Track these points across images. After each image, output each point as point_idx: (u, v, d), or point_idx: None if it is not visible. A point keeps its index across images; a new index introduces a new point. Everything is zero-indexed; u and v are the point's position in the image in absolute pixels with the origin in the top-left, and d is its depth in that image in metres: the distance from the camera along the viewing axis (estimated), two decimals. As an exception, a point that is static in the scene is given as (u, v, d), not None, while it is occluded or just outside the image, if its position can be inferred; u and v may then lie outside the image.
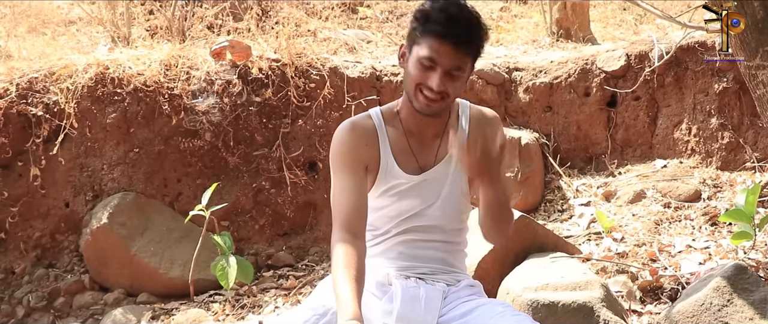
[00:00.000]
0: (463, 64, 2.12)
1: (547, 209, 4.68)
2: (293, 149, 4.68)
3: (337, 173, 2.26)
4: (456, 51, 2.09)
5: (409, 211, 2.28)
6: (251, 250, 4.61)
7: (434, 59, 2.10)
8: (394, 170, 2.28)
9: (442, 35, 2.08)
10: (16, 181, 4.46)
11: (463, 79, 2.15)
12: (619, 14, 7.95)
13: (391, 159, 2.28)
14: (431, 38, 2.10)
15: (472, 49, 2.14)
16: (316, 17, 7.24)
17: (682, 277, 3.56)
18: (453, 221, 2.33)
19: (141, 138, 4.53)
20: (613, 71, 4.96)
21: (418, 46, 2.13)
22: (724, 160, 4.67)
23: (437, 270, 2.32)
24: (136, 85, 4.53)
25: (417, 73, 2.14)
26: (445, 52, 2.09)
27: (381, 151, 2.29)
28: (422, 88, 2.13)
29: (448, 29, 2.08)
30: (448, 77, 2.11)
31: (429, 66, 2.11)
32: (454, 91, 2.15)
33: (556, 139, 5.01)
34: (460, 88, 2.17)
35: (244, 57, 4.73)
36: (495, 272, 3.50)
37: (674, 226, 4.18)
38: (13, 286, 4.40)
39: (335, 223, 2.19)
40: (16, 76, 4.52)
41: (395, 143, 2.30)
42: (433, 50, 2.10)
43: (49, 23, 6.68)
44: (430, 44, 2.10)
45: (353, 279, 2.04)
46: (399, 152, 2.30)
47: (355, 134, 2.27)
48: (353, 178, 2.24)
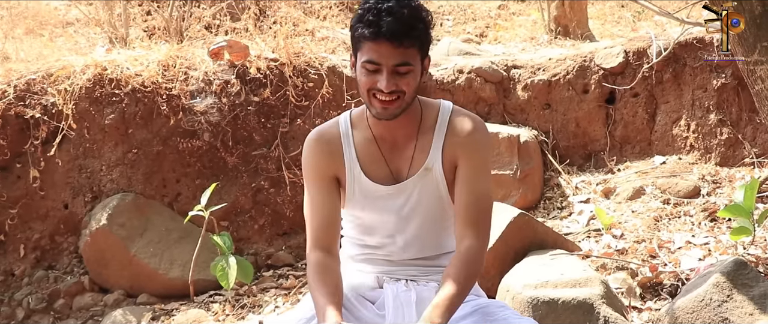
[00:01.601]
0: (408, 58, 2.02)
1: (546, 207, 4.68)
2: (292, 149, 4.68)
3: (307, 186, 2.20)
4: (395, 47, 2.00)
5: (387, 222, 2.20)
6: (251, 250, 4.61)
7: (376, 61, 2.02)
8: (361, 180, 2.18)
9: (375, 34, 1.99)
10: (15, 183, 4.46)
11: (414, 72, 2.04)
12: (617, 11, 7.96)
13: (357, 168, 2.18)
14: (367, 40, 2.01)
15: (412, 40, 2.02)
16: (314, 16, 7.24)
17: (682, 273, 3.56)
18: (434, 230, 2.24)
19: (139, 139, 4.53)
20: (611, 68, 4.96)
21: (359, 52, 2.05)
22: (723, 156, 4.67)
23: (429, 271, 2.25)
24: (134, 85, 4.52)
25: (365, 79, 2.05)
26: (384, 52, 2.01)
27: (346, 161, 2.19)
28: (374, 92, 2.05)
29: (380, 27, 1.99)
30: (396, 75, 2.02)
31: (374, 69, 2.03)
32: (408, 88, 2.05)
33: (554, 137, 5.01)
34: (413, 82, 2.06)
35: (242, 57, 4.72)
36: (495, 270, 3.50)
37: (674, 223, 4.18)
38: (13, 288, 4.40)
39: (308, 239, 2.15)
40: (14, 78, 4.52)
41: (363, 151, 2.20)
42: (372, 52, 2.02)
43: (46, 25, 6.68)
44: (369, 47, 2.02)
45: (330, 295, 2.00)
46: (368, 161, 2.19)
47: (319, 145, 2.19)
48: (321, 192, 2.16)
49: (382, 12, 1.99)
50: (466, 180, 2.15)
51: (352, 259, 2.32)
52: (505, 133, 4.67)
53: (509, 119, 5.04)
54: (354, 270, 2.29)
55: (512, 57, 5.33)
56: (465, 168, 2.16)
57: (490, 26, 7.46)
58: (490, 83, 5.06)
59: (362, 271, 2.27)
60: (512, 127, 4.91)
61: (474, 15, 7.86)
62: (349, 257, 2.33)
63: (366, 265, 2.28)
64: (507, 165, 4.62)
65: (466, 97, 5.02)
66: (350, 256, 2.33)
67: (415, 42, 2.02)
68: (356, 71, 2.10)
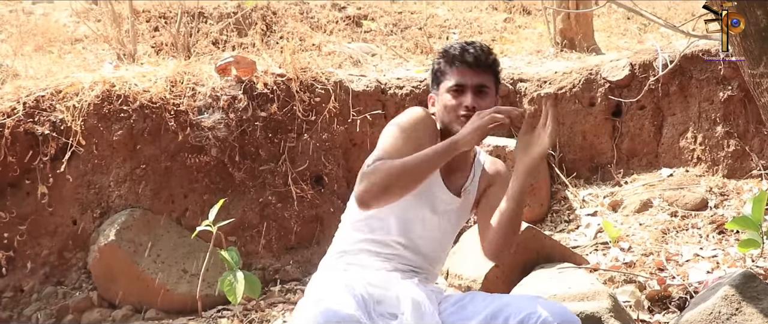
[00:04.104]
0: (486, 81, 2.39)
1: (553, 220, 4.67)
2: (299, 163, 4.69)
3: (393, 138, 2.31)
4: (477, 70, 2.38)
5: (413, 222, 2.41)
6: (258, 265, 4.61)
7: (461, 83, 2.38)
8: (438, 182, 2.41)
9: (461, 60, 2.39)
10: (24, 199, 4.48)
11: (490, 97, 2.39)
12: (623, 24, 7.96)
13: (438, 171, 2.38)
14: (454, 66, 2.40)
15: (490, 67, 2.41)
16: (321, 31, 7.27)
17: (690, 286, 3.55)
18: (441, 255, 2.54)
19: (147, 154, 4.55)
20: (617, 81, 4.96)
21: (445, 81, 2.41)
22: (731, 168, 4.66)
23: (429, 277, 2.48)
24: (142, 102, 4.55)
25: (451, 102, 2.38)
26: (468, 74, 2.38)
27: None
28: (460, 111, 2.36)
29: (466, 54, 2.39)
30: (477, 95, 2.37)
31: (458, 90, 2.38)
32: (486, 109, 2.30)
33: (561, 150, 5.01)
34: (491, 106, 2.35)
35: (249, 72, 4.75)
36: (502, 284, 3.50)
37: (681, 235, 4.18)
38: (22, 305, 4.41)
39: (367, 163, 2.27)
40: (23, 94, 4.55)
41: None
42: (458, 75, 2.39)
43: (55, 41, 6.72)
44: (455, 72, 2.40)
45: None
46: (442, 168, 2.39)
47: (428, 123, 2.40)
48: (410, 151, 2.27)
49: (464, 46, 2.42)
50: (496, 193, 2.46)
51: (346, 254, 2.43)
52: (512, 146, 4.67)
53: (516, 132, 5.03)
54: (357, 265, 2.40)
55: (518, 70, 5.34)
56: (498, 187, 2.48)
57: (496, 39, 7.47)
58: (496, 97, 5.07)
59: (365, 265, 2.38)
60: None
61: (480, 28, 7.88)
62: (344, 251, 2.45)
63: (368, 258, 2.39)
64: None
65: (472, 111, 5.03)
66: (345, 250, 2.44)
67: (490, 71, 2.42)
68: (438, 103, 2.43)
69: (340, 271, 2.37)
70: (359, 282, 2.23)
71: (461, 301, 2.34)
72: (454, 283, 3.70)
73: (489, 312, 2.22)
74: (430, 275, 2.47)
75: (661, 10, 7.89)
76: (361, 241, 2.41)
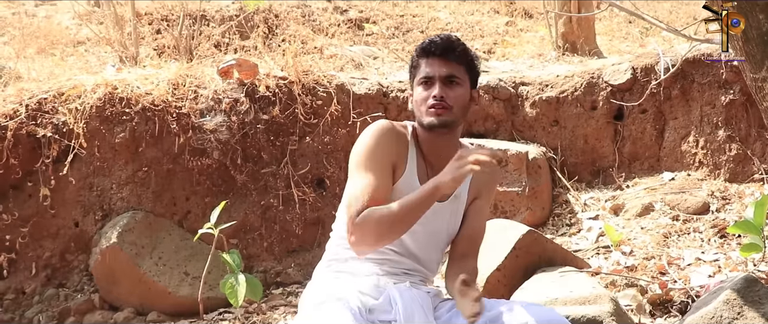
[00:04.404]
0: (455, 71, 2.35)
1: (555, 224, 4.67)
2: (301, 166, 4.70)
3: (364, 168, 2.30)
4: (445, 61, 2.35)
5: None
6: (260, 268, 4.62)
7: (429, 74, 2.35)
8: (414, 183, 2.36)
9: (428, 52, 2.37)
10: (26, 201, 4.49)
11: (461, 87, 2.35)
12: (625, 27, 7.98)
13: (415, 172, 2.37)
14: (422, 59, 2.38)
15: (459, 58, 2.36)
16: (323, 34, 7.28)
17: (692, 290, 3.55)
18: (433, 255, 2.48)
19: (149, 157, 4.55)
20: (619, 84, 4.97)
21: (416, 76, 2.38)
22: (732, 172, 4.66)
23: (423, 280, 2.45)
24: (144, 104, 4.55)
25: (420, 95, 2.36)
26: (436, 64, 2.35)
27: (408, 161, 2.38)
28: (427, 102, 2.33)
29: (432, 45, 2.36)
30: (447, 85, 2.33)
31: (427, 82, 2.35)
32: (456, 103, 2.32)
33: (563, 153, 5.01)
34: (461, 97, 2.34)
35: (251, 75, 4.75)
36: (504, 288, 3.50)
37: (683, 239, 4.18)
38: (24, 307, 4.42)
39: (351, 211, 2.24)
40: (26, 97, 4.56)
41: (418, 163, 2.40)
42: (426, 67, 2.36)
43: (57, 44, 6.73)
44: (423, 64, 2.37)
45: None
46: (420, 174, 2.39)
47: (392, 134, 2.37)
48: (383, 174, 2.30)
49: (434, 38, 2.39)
50: (479, 210, 2.50)
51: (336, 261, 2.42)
52: (513, 150, 4.68)
53: (517, 136, 5.05)
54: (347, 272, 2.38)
55: (520, 74, 5.34)
56: (484, 201, 2.51)
57: (498, 43, 7.48)
58: (498, 100, 5.07)
59: (355, 272, 2.36)
60: (520, 143, 4.92)
61: (482, 31, 7.89)
62: (333, 260, 2.43)
63: (358, 264, 2.37)
64: (515, 182, 4.62)
65: (474, 114, 5.04)
66: (335, 258, 2.43)
67: (461, 61, 2.37)
68: (412, 98, 2.41)
69: (331, 280, 2.36)
70: (352, 293, 2.20)
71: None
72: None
73: (485, 319, 2.18)
74: (424, 277, 2.44)
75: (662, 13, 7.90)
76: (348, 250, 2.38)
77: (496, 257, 3.54)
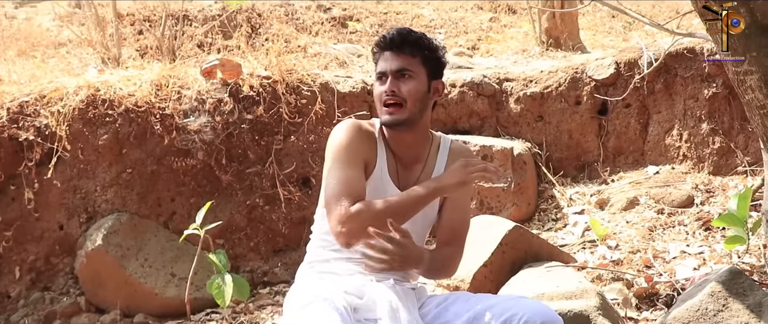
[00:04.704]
0: (408, 65, 2.33)
1: (541, 219, 4.69)
2: (286, 165, 4.68)
3: (337, 165, 2.31)
4: (397, 54, 2.33)
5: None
6: (247, 268, 4.61)
7: (382, 70, 2.35)
8: (384, 178, 2.37)
9: (382, 46, 2.36)
10: (9, 205, 4.46)
11: (415, 81, 2.32)
12: (608, 22, 8.00)
13: (385, 169, 2.37)
14: (378, 54, 2.38)
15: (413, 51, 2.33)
16: (306, 33, 7.26)
17: (678, 283, 3.57)
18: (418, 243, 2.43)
19: (133, 158, 4.53)
20: (603, 79, 4.98)
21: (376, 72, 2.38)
22: (716, 165, 4.69)
23: (406, 277, 2.44)
24: (127, 106, 4.53)
25: (377, 91, 2.36)
26: (388, 59, 2.34)
27: (378, 158, 2.38)
28: (382, 98, 2.34)
29: (384, 40, 2.36)
30: (399, 79, 2.32)
31: (382, 77, 2.35)
32: (410, 96, 2.31)
33: (548, 149, 5.03)
34: (415, 91, 2.32)
35: (235, 75, 4.73)
36: (490, 283, 3.51)
37: (668, 232, 4.20)
38: (9, 311, 4.39)
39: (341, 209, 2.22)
40: (7, 100, 4.52)
41: (387, 159, 2.41)
42: (381, 62, 2.36)
43: (38, 46, 6.68)
44: (379, 61, 2.37)
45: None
46: (390, 169, 2.40)
47: (360, 131, 2.37)
48: (357, 168, 2.31)
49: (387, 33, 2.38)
50: (454, 203, 2.46)
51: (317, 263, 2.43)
52: (498, 146, 4.68)
53: (502, 132, 5.06)
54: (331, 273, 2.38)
55: (504, 70, 5.35)
56: (459, 193, 2.42)
57: (482, 39, 7.49)
58: (482, 96, 5.08)
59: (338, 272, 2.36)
60: (505, 139, 4.93)
61: (466, 28, 7.90)
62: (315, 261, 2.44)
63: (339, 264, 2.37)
64: (501, 178, 4.62)
65: (459, 111, 5.04)
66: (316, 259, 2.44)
67: (416, 53, 2.34)
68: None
69: (315, 281, 2.36)
70: (337, 293, 2.20)
71: (444, 302, 2.32)
72: (442, 282, 3.70)
73: (472, 314, 2.20)
74: (406, 274, 2.43)
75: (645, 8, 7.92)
76: (329, 251, 2.40)
77: (483, 253, 3.55)
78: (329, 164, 2.32)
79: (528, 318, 2.12)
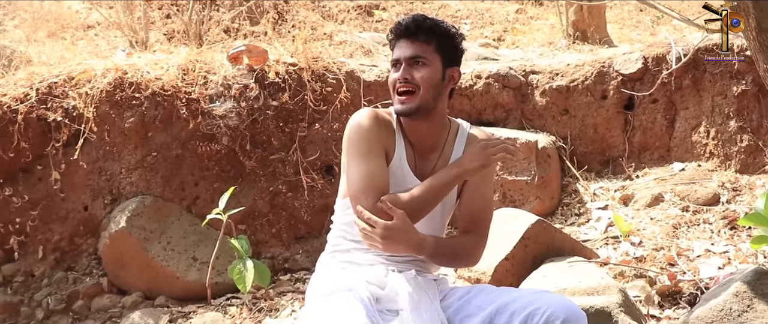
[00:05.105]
0: (422, 52, 2.30)
1: (564, 213, 4.66)
2: (310, 153, 4.69)
3: (358, 157, 2.30)
4: (411, 41, 2.31)
5: None
6: (268, 254, 4.63)
7: (396, 57, 2.33)
8: (403, 167, 2.36)
9: (397, 34, 2.34)
10: (36, 185, 4.50)
11: (428, 68, 2.30)
12: (636, 15, 7.92)
13: (404, 157, 2.36)
14: (393, 42, 2.36)
15: (427, 38, 2.31)
16: (332, 20, 7.26)
17: (701, 281, 3.54)
18: (436, 232, 2.43)
19: (159, 142, 4.56)
20: (630, 74, 4.94)
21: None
22: (743, 163, 4.63)
23: (427, 267, 2.43)
24: (153, 89, 4.55)
25: (390, 78, 2.35)
26: (402, 46, 2.33)
27: (396, 147, 2.37)
28: (395, 85, 2.33)
29: (399, 27, 2.34)
30: (412, 66, 2.30)
31: (396, 64, 2.34)
32: (423, 83, 2.29)
33: (572, 143, 4.99)
34: (428, 79, 2.30)
35: (261, 61, 4.74)
36: (512, 277, 3.50)
37: (693, 230, 4.16)
38: (33, 289, 4.44)
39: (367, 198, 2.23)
40: (36, 81, 4.57)
41: (405, 147, 2.40)
42: (396, 49, 2.35)
43: (67, 28, 6.74)
44: (394, 47, 2.36)
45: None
46: (408, 157, 2.39)
47: (377, 121, 2.35)
48: (380, 160, 2.30)
49: (402, 20, 2.35)
50: (475, 188, 2.42)
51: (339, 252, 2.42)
52: (523, 139, 4.66)
53: (527, 125, 5.03)
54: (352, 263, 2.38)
55: (530, 62, 5.32)
56: (477, 181, 2.40)
57: (507, 30, 7.45)
58: (508, 88, 5.05)
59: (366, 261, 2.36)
60: (530, 132, 4.90)
61: (492, 19, 7.86)
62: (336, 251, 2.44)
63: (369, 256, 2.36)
64: (524, 171, 4.61)
65: (483, 103, 5.02)
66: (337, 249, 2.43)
67: (430, 40, 2.31)
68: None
69: (338, 271, 2.36)
70: (360, 283, 2.19)
71: (467, 295, 2.30)
72: (463, 274, 3.70)
73: (494, 307, 2.19)
74: (428, 264, 2.42)
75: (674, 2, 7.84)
76: (349, 240, 2.40)
77: (505, 246, 3.54)
78: (350, 155, 2.31)
79: (551, 312, 2.10)
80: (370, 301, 2.12)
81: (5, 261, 4.48)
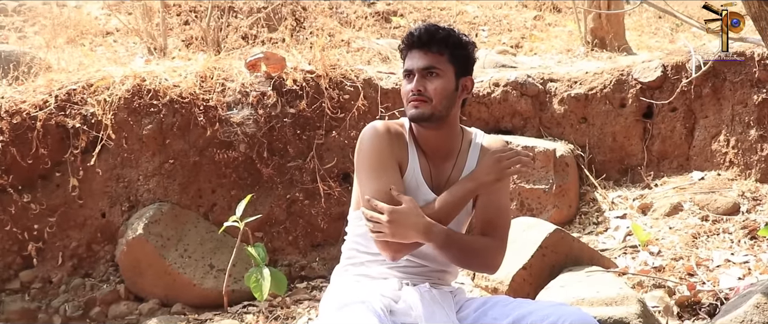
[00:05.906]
0: (435, 62, 2.28)
1: (582, 222, 4.63)
2: (327, 160, 4.69)
3: (372, 172, 2.28)
4: (424, 52, 2.29)
5: None
6: (285, 261, 4.63)
7: (408, 68, 2.32)
8: (418, 178, 2.34)
9: (408, 44, 2.32)
10: (54, 191, 4.53)
11: (441, 79, 2.29)
12: (655, 23, 7.88)
13: (418, 169, 2.34)
14: (406, 51, 2.34)
15: (440, 48, 2.29)
16: (350, 27, 7.26)
17: (721, 292, 3.50)
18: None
19: (176, 149, 4.57)
20: (649, 82, 4.90)
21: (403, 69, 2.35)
22: (764, 173, 4.58)
23: (443, 279, 2.42)
24: (171, 96, 4.57)
25: (403, 88, 2.34)
26: (415, 57, 2.30)
27: (410, 159, 2.35)
28: (408, 96, 2.31)
29: (412, 38, 2.31)
30: (425, 77, 2.28)
31: (409, 75, 2.32)
32: (436, 94, 2.27)
33: (591, 151, 4.96)
34: (442, 90, 2.28)
35: (279, 68, 4.75)
36: (529, 286, 3.48)
37: (712, 240, 4.12)
38: (51, 296, 4.46)
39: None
40: (55, 87, 4.60)
41: (419, 158, 2.38)
42: (408, 59, 2.32)
43: (86, 34, 6.78)
44: (406, 58, 2.33)
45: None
46: (422, 168, 2.37)
47: (389, 134, 2.34)
48: (395, 173, 2.28)
49: (415, 29, 2.33)
50: (492, 198, 2.39)
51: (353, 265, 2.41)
52: (540, 147, 4.64)
53: (545, 133, 5.00)
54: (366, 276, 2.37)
55: (548, 70, 5.29)
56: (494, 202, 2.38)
57: (525, 37, 7.43)
58: (526, 96, 5.03)
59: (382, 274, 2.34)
60: (548, 140, 4.88)
61: (510, 25, 7.84)
62: (350, 264, 2.43)
63: (375, 267, 2.36)
64: (542, 179, 4.58)
65: (501, 110, 5.00)
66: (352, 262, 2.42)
67: (443, 51, 2.29)
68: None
69: (352, 284, 2.35)
70: (374, 295, 2.19)
71: (483, 307, 2.28)
72: (480, 284, 3.68)
73: (511, 320, 2.17)
74: (443, 275, 2.41)
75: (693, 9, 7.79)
76: (363, 252, 2.39)
77: (523, 256, 3.52)
78: (366, 170, 2.29)
79: None
80: (384, 313, 2.11)
81: (23, 267, 4.51)
